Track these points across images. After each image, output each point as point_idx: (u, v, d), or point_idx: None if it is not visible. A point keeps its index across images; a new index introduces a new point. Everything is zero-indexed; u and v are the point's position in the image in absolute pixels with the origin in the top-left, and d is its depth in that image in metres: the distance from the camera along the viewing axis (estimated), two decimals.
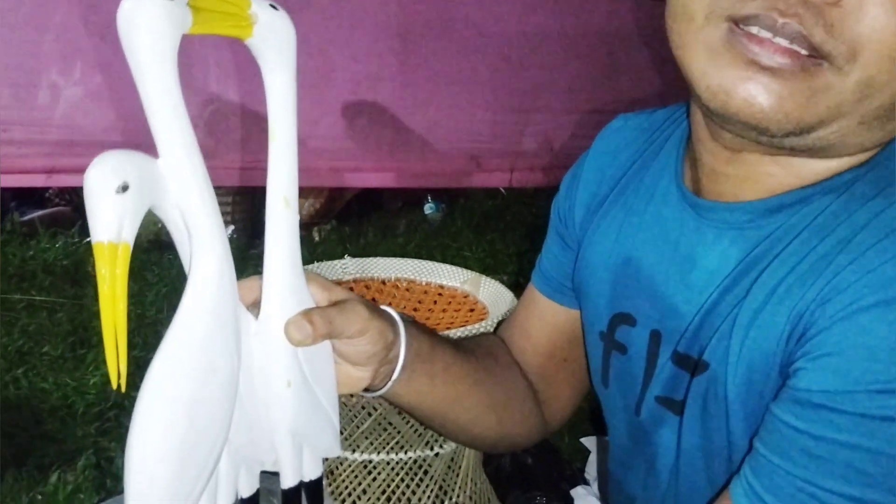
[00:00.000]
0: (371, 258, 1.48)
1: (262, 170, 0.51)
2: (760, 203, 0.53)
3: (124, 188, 0.40)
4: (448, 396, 0.66)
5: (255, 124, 2.38)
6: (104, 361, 0.44)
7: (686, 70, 0.51)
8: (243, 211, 2.71)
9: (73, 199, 2.87)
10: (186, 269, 0.46)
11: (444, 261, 1.74)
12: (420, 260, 1.48)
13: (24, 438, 1.64)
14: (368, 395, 0.62)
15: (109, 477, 1.53)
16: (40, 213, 2.82)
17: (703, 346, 0.53)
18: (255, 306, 0.52)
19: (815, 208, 0.50)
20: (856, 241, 0.45)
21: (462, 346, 0.71)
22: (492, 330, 1.05)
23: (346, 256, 1.48)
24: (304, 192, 3.06)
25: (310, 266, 1.43)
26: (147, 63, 0.41)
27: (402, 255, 1.67)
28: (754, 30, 0.47)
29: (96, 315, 0.42)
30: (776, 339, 0.48)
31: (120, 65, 0.43)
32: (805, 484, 0.45)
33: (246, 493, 0.52)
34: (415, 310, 1.38)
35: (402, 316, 0.62)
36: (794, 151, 0.51)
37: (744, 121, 0.49)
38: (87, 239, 2.56)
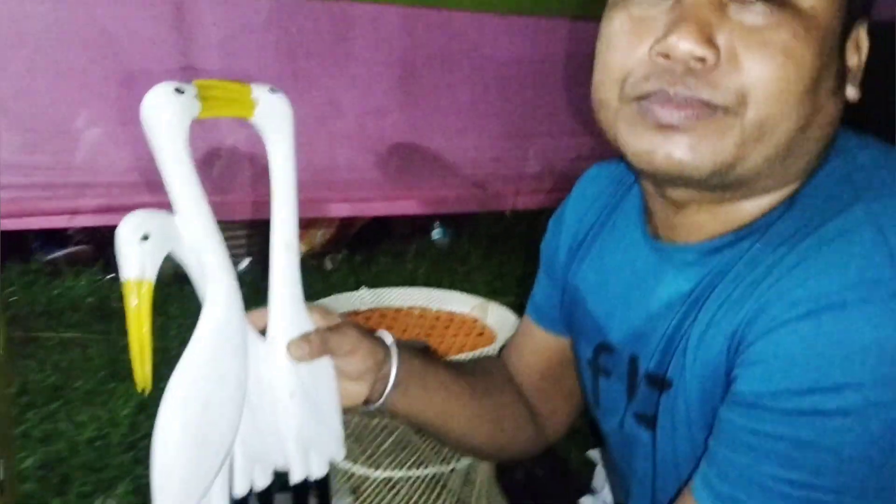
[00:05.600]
0: (385, 288, 1.58)
1: None
2: (702, 245, 0.64)
3: (145, 237, 0.51)
4: (444, 410, 0.77)
5: (265, 163, 2.47)
6: (133, 394, 0.56)
7: (616, 144, 0.62)
8: (258, 243, 2.79)
9: (94, 237, 2.97)
10: (202, 300, 0.58)
11: (452, 285, 1.82)
12: (431, 288, 1.58)
13: (64, 468, 1.73)
14: (368, 407, 0.73)
15: (149, 502, 1.61)
16: (63, 252, 2.91)
17: (667, 366, 0.63)
18: (264, 331, 0.63)
19: (743, 248, 0.61)
20: (775, 272, 0.56)
21: (459, 367, 0.82)
22: (496, 353, 1.14)
23: (362, 287, 1.58)
24: (315, 223, 3.15)
25: (329, 298, 1.53)
26: (164, 144, 0.53)
27: (412, 281, 1.75)
28: (656, 103, 0.57)
29: (125, 349, 0.52)
30: (719, 354, 0.58)
31: (136, 108, 0.53)
32: (748, 470, 0.55)
33: (259, 485, 0.63)
34: (427, 335, 1.47)
35: (400, 340, 0.74)
36: (724, 192, 0.61)
37: (669, 173, 0.59)
38: (111, 275, 2.65)
